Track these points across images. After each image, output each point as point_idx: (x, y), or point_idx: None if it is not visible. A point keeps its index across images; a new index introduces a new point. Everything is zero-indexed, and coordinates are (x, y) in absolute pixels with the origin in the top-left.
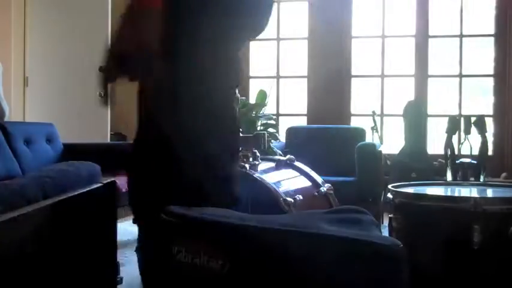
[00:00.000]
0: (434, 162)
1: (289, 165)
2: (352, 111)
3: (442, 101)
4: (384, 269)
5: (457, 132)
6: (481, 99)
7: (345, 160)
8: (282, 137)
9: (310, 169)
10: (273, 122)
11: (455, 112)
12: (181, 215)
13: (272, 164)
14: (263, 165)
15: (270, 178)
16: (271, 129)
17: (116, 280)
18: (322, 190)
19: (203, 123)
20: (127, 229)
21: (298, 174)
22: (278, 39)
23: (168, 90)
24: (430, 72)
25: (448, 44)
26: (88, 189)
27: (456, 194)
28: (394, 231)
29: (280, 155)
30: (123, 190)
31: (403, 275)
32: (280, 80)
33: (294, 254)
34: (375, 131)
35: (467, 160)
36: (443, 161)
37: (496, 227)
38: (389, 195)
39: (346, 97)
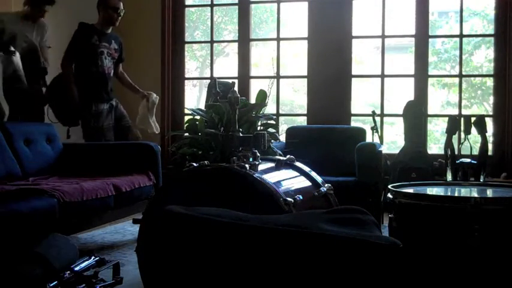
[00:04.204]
0: (434, 162)
1: (289, 165)
2: (352, 111)
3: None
4: (383, 268)
5: (457, 132)
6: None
7: (345, 160)
8: (282, 137)
9: (310, 169)
10: (273, 122)
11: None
12: (182, 214)
13: (272, 164)
14: (263, 165)
15: (270, 178)
16: (271, 129)
17: None
18: (322, 190)
19: None
20: (127, 229)
21: (298, 174)
22: (278, 39)
23: None
24: (429, 72)
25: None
26: None
27: (456, 194)
28: (394, 231)
29: (280, 155)
30: (123, 190)
31: (403, 275)
32: (280, 80)
33: (294, 253)
34: (374, 131)
35: (467, 160)
36: (443, 161)
37: (496, 227)
38: (390, 195)
39: (346, 97)
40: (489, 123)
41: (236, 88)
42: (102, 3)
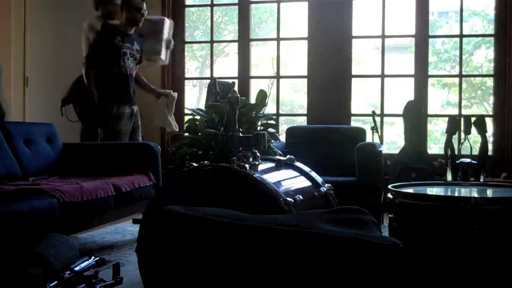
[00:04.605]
0: (434, 162)
1: (289, 165)
2: (352, 111)
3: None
4: (383, 268)
5: (457, 132)
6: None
7: (345, 160)
8: (282, 137)
9: (310, 169)
10: (273, 122)
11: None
12: (182, 214)
13: (272, 164)
14: (263, 165)
15: (270, 178)
16: (271, 129)
17: None
18: (322, 190)
19: None
20: (127, 229)
21: (298, 174)
22: (278, 39)
23: None
24: (429, 72)
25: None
26: None
27: (456, 194)
28: (394, 231)
29: (280, 155)
30: (123, 190)
31: (403, 275)
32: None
33: (294, 253)
34: (374, 131)
35: (467, 160)
36: (443, 161)
37: (496, 227)
38: (390, 195)
39: (346, 97)
40: (489, 123)
41: (236, 88)
42: (126, 3)
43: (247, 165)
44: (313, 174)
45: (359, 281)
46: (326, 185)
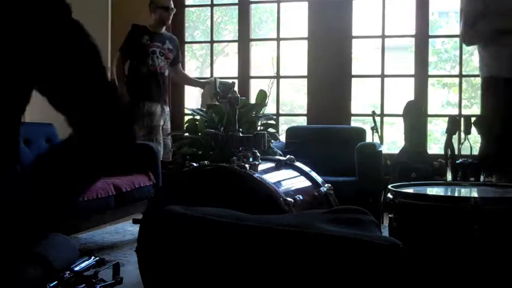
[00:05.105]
0: (434, 162)
1: (289, 165)
2: (352, 111)
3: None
4: (383, 269)
5: (457, 132)
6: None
7: (345, 160)
8: (282, 137)
9: (310, 169)
10: (273, 122)
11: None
12: (182, 214)
13: (272, 164)
14: (263, 165)
15: (270, 178)
16: (271, 129)
17: None
18: (322, 190)
19: None
20: (127, 229)
21: (298, 174)
22: (278, 39)
23: None
24: (429, 72)
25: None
26: None
27: (456, 194)
28: (394, 231)
29: (280, 155)
30: (123, 190)
31: (403, 275)
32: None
33: (294, 253)
34: (374, 131)
35: (468, 160)
36: (443, 161)
37: (496, 227)
38: (390, 195)
39: (346, 97)
40: None
41: (236, 88)
42: (152, 3)
43: (247, 165)
44: (313, 174)
45: (359, 281)
46: (326, 185)
